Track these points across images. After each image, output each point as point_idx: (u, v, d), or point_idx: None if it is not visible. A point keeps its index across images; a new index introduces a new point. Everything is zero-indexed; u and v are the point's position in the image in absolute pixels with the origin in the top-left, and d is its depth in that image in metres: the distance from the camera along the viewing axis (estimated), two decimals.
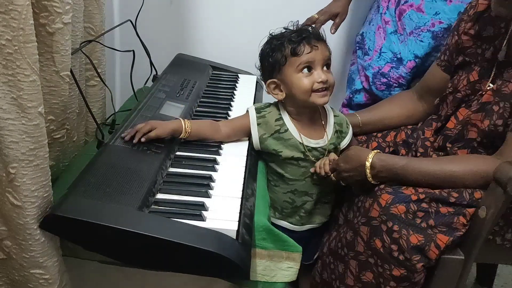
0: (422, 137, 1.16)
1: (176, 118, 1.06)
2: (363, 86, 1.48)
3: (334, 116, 1.13)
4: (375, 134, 1.27)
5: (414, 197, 0.96)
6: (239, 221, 0.83)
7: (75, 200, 0.77)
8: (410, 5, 1.38)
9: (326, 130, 1.11)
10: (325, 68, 1.04)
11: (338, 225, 1.12)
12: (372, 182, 1.01)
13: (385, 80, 1.42)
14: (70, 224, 0.74)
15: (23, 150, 0.69)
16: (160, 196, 0.87)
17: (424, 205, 0.96)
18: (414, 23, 1.37)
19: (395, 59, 1.40)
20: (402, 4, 1.40)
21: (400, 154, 1.20)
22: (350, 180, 1.06)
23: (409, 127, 1.24)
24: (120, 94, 1.56)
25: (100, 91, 1.17)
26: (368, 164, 1.00)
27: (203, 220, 0.81)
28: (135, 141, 0.95)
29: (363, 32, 1.53)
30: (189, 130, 1.02)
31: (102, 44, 1.12)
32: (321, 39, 1.06)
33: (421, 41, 1.36)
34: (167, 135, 0.99)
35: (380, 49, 1.43)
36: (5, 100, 0.67)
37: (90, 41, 1.01)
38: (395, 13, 1.42)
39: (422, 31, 1.36)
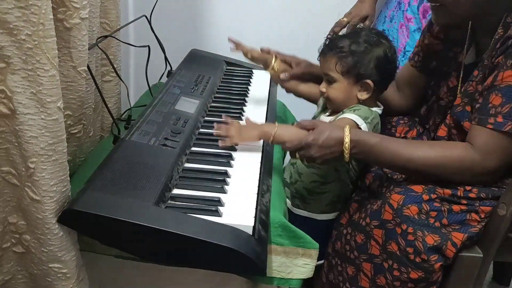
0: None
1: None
2: None
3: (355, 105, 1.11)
4: None
5: (425, 197, 0.95)
6: (255, 217, 0.82)
7: (92, 195, 0.77)
8: None
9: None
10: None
11: (339, 224, 1.10)
12: (346, 157, 0.95)
13: None
14: (88, 219, 0.74)
15: (42, 145, 0.69)
16: (176, 191, 0.87)
17: (436, 204, 0.95)
18: None
19: None
20: (427, 2, 1.37)
21: None
22: (317, 155, 0.95)
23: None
24: (134, 89, 1.57)
25: (115, 87, 1.17)
26: (347, 139, 0.93)
27: (220, 216, 0.81)
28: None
29: (383, 29, 1.50)
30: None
31: (118, 40, 1.12)
32: (325, 52, 1.07)
33: None
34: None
35: (404, 48, 1.42)
36: (25, 95, 0.67)
37: (106, 36, 1.01)
38: (418, 10, 1.40)
39: None
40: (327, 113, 1.17)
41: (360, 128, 1.03)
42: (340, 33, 1.22)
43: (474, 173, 0.94)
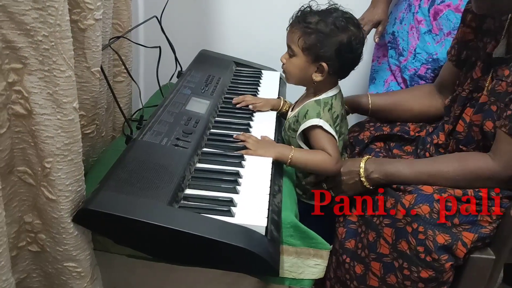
0: (435, 142, 1.13)
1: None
2: (401, 88, 1.45)
3: (305, 104, 1.10)
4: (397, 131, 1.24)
5: (436, 196, 0.95)
6: (267, 218, 0.82)
7: (107, 195, 0.77)
8: (447, 5, 1.34)
9: (295, 110, 1.13)
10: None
11: (348, 221, 1.10)
12: (366, 184, 1.03)
13: (423, 82, 1.39)
14: (102, 218, 0.75)
15: (58, 145, 0.70)
16: (189, 191, 0.87)
17: (447, 203, 0.94)
18: (452, 24, 1.33)
19: (431, 59, 1.37)
20: (438, 4, 1.36)
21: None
22: (343, 186, 1.07)
23: (432, 125, 1.21)
24: (144, 89, 1.57)
25: (126, 87, 1.18)
26: (362, 164, 1.04)
27: (232, 216, 0.81)
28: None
29: (393, 31, 1.49)
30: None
31: (130, 41, 1.13)
32: (294, 23, 1.06)
33: None
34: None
35: (415, 50, 1.40)
36: (41, 95, 0.68)
37: (119, 37, 1.02)
38: (428, 12, 1.39)
39: None
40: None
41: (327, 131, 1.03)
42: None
43: (496, 181, 0.96)
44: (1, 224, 0.59)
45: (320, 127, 1.03)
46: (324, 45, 1.02)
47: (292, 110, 1.16)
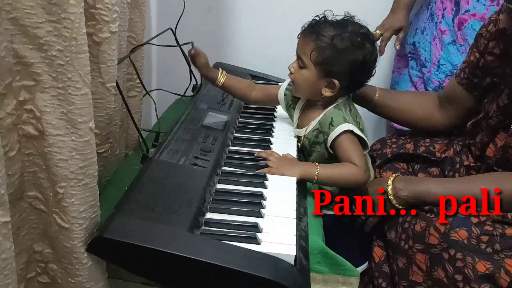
0: (466, 163, 1.07)
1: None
2: None
3: (324, 115, 1.04)
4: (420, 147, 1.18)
5: (474, 220, 0.88)
6: (296, 245, 0.76)
7: (123, 221, 0.71)
8: (473, 14, 1.28)
9: (310, 123, 1.07)
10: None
11: (377, 243, 1.05)
12: (394, 203, 0.97)
13: None
14: (119, 247, 0.69)
15: (72, 168, 0.64)
16: (210, 215, 0.81)
17: (487, 227, 0.88)
18: None
19: (455, 71, 1.31)
20: (462, 14, 1.30)
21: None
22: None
23: (460, 143, 1.15)
24: (157, 104, 1.53)
25: (140, 102, 1.13)
26: (390, 182, 0.99)
27: (258, 244, 0.75)
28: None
29: (414, 42, 1.44)
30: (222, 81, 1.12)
31: (150, 45, 1.07)
32: (307, 32, 1.00)
33: None
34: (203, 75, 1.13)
35: (438, 61, 1.34)
36: (55, 115, 0.62)
37: (135, 49, 0.97)
38: (453, 22, 1.33)
39: None
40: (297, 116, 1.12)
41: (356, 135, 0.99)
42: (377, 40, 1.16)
43: None
44: (9, 259, 0.53)
45: (350, 132, 0.98)
46: (338, 62, 0.98)
47: (298, 127, 1.10)
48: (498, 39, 0.99)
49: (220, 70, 1.14)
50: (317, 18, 1.01)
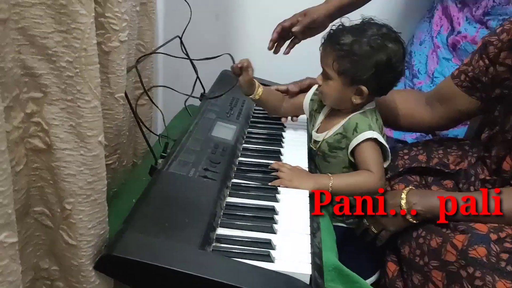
0: (482, 177, 1.04)
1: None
2: None
3: (349, 119, 1.01)
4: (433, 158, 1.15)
5: (493, 236, 0.85)
6: (311, 263, 0.73)
7: (132, 238, 0.69)
8: (464, 36, 1.28)
9: (332, 128, 1.03)
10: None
11: (390, 258, 1.02)
12: (408, 217, 0.94)
13: None
14: (128, 265, 0.66)
15: (81, 183, 0.62)
16: (221, 231, 0.79)
17: (507, 244, 0.84)
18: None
19: None
20: (455, 35, 1.30)
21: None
22: (383, 221, 0.99)
23: (474, 155, 1.12)
24: (164, 112, 1.50)
25: (149, 110, 1.10)
26: (404, 195, 0.96)
27: (272, 262, 0.72)
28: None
29: (411, 51, 1.43)
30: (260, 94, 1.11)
31: (165, 54, 1.05)
32: (326, 44, 0.98)
33: None
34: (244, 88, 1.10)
35: (433, 74, 1.33)
36: (63, 128, 0.60)
37: (144, 57, 0.94)
38: (446, 41, 1.33)
39: None
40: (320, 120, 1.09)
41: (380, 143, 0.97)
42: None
43: None
44: (16, 282, 0.51)
45: (374, 140, 0.96)
46: (360, 68, 0.94)
47: (318, 131, 1.07)
48: (510, 49, 0.96)
49: (257, 83, 1.13)
50: (334, 28, 0.99)
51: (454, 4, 1.34)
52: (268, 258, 0.72)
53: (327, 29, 1.02)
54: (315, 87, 1.11)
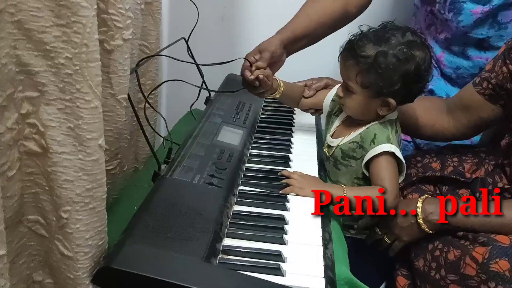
0: (500, 185, 1.00)
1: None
2: None
3: (368, 128, 0.96)
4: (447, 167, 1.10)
5: None
6: (324, 277, 0.68)
7: (133, 250, 0.64)
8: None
9: (349, 134, 0.98)
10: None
11: (401, 272, 0.98)
12: (424, 227, 0.90)
13: None
14: (128, 279, 0.61)
15: (79, 190, 0.57)
16: (227, 241, 0.74)
17: None
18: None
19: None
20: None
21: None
22: (396, 230, 0.95)
23: (491, 162, 1.08)
24: (167, 116, 1.47)
25: (152, 114, 1.06)
26: (420, 204, 0.91)
27: (283, 275, 0.67)
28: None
29: None
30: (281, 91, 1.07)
31: (168, 57, 1.01)
32: (346, 57, 0.92)
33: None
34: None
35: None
36: (60, 130, 0.56)
37: (140, 61, 0.90)
38: (435, 55, 1.30)
39: None
40: (335, 126, 1.03)
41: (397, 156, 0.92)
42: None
43: None
44: None
45: (391, 154, 0.91)
46: (387, 81, 0.88)
47: (333, 136, 1.02)
48: None
49: (279, 80, 1.09)
50: (353, 37, 0.92)
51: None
52: (279, 271, 0.67)
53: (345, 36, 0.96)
54: (337, 86, 1.06)
